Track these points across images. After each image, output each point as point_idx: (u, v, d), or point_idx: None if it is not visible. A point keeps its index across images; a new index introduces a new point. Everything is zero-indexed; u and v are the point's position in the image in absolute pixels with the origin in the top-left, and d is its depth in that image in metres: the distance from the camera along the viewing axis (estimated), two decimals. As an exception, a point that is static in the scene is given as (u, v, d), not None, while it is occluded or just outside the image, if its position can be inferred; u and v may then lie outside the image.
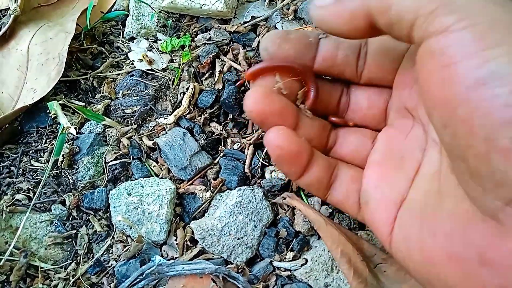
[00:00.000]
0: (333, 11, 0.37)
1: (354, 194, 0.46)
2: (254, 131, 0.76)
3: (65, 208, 0.72)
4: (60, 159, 0.73)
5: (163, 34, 0.89)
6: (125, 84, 0.82)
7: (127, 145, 0.77)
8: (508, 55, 0.27)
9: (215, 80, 0.80)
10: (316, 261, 0.67)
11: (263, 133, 0.74)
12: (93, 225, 0.72)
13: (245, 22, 0.89)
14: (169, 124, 0.77)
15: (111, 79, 0.84)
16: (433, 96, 0.30)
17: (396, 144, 0.44)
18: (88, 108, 0.79)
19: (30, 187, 0.73)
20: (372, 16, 0.35)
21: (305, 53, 0.47)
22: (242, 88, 0.78)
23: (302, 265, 0.68)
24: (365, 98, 0.49)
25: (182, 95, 0.80)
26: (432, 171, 0.38)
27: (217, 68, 0.81)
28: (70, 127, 0.70)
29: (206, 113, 0.78)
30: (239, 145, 0.75)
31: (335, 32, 0.39)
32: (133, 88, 0.82)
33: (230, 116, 0.78)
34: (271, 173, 0.73)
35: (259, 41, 0.86)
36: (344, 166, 0.48)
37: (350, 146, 0.51)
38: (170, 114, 0.78)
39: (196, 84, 0.80)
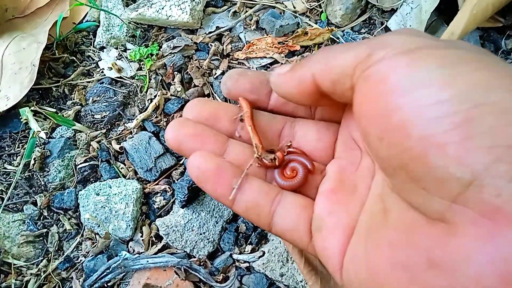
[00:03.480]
0: (286, 77, 0.40)
1: (304, 222, 0.42)
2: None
3: (36, 208, 0.77)
4: (32, 162, 0.78)
5: (132, 43, 0.94)
6: (95, 91, 0.87)
7: (97, 148, 0.81)
8: (437, 64, 0.29)
9: (181, 88, 0.85)
10: (272, 253, 0.73)
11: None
12: (63, 224, 0.76)
13: (210, 32, 0.94)
14: (134, 128, 0.81)
15: (82, 87, 0.89)
16: (368, 115, 0.32)
17: (348, 175, 0.43)
18: (59, 114, 0.83)
19: (3, 189, 0.78)
20: (317, 80, 0.37)
21: (261, 89, 0.47)
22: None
23: (259, 257, 0.73)
24: (314, 131, 0.48)
25: (149, 102, 0.85)
26: (377, 193, 0.38)
27: (184, 76, 0.86)
28: (40, 132, 0.74)
29: (172, 118, 0.83)
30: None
31: (287, 97, 0.41)
32: (103, 94, 0.86)
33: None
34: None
35: (223, 49, 0.91)
36: (289, 193, 0.44)
37: None
38: (137, 120, 0.83)
39: (163, 91, 0.85)
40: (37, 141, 0.79)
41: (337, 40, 0.91)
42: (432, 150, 0.27)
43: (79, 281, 0.72)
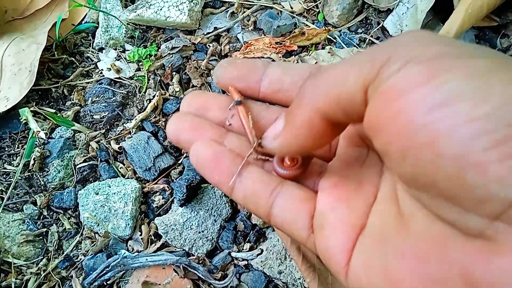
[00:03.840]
0: (288, 133, 0.37)
1: (304, 216, 0.40)
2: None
3: (36, 208, 0.77)
4: (32, 162, 0.78)
5: (130, 44, 0.94)
6: (94, 91, 0.88)
7: (96, 148, 0.82)
8: (465, 76, 0.26)
9: (179, 89, 0.86)
10: (270, 250, 0.73)
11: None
12: (63, 223, 0.77)
13: (208, 33, 0.95)
14: (133, 128, 0.82)
15: (81, 87, 0.90)
16: (386, 132, 0.29)
17: (352, 171, 0.41)
18: (58, 115, 0.84)
19: (3, 189, 0.78)
20: (326, 113, 0.34)
21: (249, 76, 0.45)
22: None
23: (258, 255, 0.73)
24: None
25: (148, 102, 0.85)
26: (389, 195, 0.36)
27: (182, 77, 0.87)
28: (40, 131, 0.75)
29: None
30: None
31: (301, 149, 0.37)
32: (102, 95, 0.87)
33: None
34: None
35: (220, 49, 0.92)
36: (290, 184, 0.42)
37: None
38: (136, 120, 0.84)
39: (162, 91, 0.86)
40: (36, 141, 0.79)
41: (334, 40, 0.92)
42: (469, 169, 0.25)
43: (78, 279, 0.72)
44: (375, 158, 0.40)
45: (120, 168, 0.81)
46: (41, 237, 0.77)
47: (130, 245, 0.75)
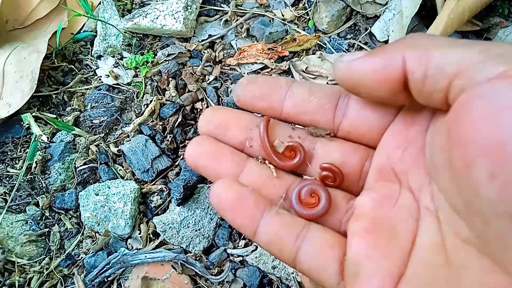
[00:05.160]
0: (363, 63, 0.34)
1: (333, 263, 0.37)
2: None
3: (38, 209, 0.80)
4: (34, 165, 0.81)
5: (128, 52, 0.98)
6: (93, 97, 0.91)
7: (95, 151, 0.85)
8: None
9: (175, 94, 0.89)
10: (264, 247, 0.76)
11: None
12: (65, 223, 0.80)
13: (203, 40, 0.99)
14: (131, 132, 0.85)
15: (80, 93, 0.93)
16: (480, 143, 0.26)
17: (385, 212, 0.38)
18: (59, 120, 0.87)
19: (6, 191, 0.81)
20: (407, 68, 0.32)
21: (272, 95, 0.42)
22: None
23: (252, 251, 0.76)
24: (338, 152, 0.42)
25: (145, 106, 0.89)
26: (433, 242, 0.34)
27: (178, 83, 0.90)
28: (42, 135, 0.78)
29: (167, 122, 0.87)
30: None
31: (362, 87, 0.36)
32: (101, 100, 0.90)
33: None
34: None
35: (214, 56, 0.96)
36: (315, 227, 0.39)
37: None
38: (134, 124, 0.87)
39: (158, 96, 0.89)
40: (38, 145, 0.83)
41: (324, 46, 0.95)
42: None
43: (80, 276, 0.75)
44: (408, 197, 0.37)
45: (119, 170, 0.84)
46: (43, 237, 0.79)
47: (129, 243, 0.78)
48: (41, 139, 0.79)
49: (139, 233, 0.78)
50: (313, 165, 0.42)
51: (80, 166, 0.84)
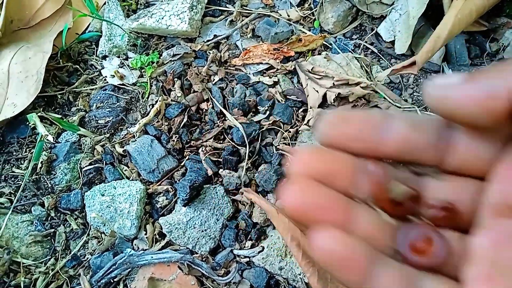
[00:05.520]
0: (460, 92, 0.31)
1: None
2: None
3: (44, 209, 0.80)
4: (39, 165, 0.81)
5: (133, 52, 0.98)
6: (98, 97, 0.91)
7: (101, 152, 0.85)
8: None
9: (181, 94, 0.89)
10: (271, 248, 0.76)
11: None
12: (70, 224, 0.80)
13: (208, 40, 0.98)
14: (137, 132, 0.85)
15: (86, 94, 0.93)
16: None
17: (505, 254, 0.33)
18: (64, 120, 0.87)
19: (12, 191, 0.81)
20: None
21: (367, 133, 0.36)
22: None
23: (259, 252, 0.76)
24: (449, 189, 0.37)
25: (151, 107, 0.89)
26: None
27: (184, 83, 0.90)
28: (48, 135, 0.78)
29: (173, 123, 0.87)
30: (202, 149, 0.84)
31: (460, 117, 0.33)
32: (106, 101, 0.90)
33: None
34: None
35: (218, 57, 0.95)
36: (429, 279, 0.35)
37: None
38: (140, 124, 0.87)
39: (164, 96, 0.89)
40: (44, 145, 0.82)
41: (330, 46, 0.95)
42: None
43: (86, 277, 0.75)
44: None
45: (125, 170, 0.83)
46: (49, 238, 0.79)
47: (135, 244, 0.77)
48: (47, 139, 0.78)
49: (145, 234, 0.78)
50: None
51: (86, 166, 0.83)
